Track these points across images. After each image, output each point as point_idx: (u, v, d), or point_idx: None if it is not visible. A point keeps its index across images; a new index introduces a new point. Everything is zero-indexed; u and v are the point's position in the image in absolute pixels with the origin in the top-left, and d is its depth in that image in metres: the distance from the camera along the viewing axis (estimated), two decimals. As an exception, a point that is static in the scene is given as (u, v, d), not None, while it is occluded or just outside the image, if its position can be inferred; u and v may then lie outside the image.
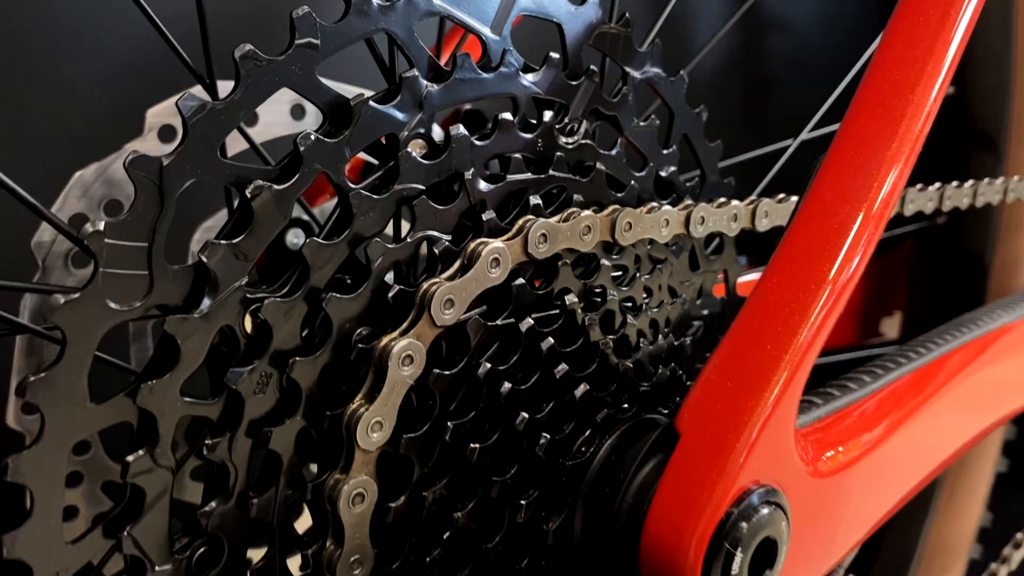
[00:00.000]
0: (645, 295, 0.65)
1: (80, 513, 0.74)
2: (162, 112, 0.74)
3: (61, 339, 0.46)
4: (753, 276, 0.76)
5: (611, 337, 0.60)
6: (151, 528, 0.49)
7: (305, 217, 0.79)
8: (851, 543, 0.65)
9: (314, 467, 0.54)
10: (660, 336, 0.65)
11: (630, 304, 0.63)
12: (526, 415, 0.55)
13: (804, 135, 0.89)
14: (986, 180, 0.98)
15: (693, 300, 0.72)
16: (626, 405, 0.60)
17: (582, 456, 0.57)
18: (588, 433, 0.57)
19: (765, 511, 0.52)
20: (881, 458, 0.66)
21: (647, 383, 0.61)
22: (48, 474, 0.46)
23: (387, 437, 0.52)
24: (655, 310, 0.65)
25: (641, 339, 0.62)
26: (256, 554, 0.54)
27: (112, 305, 0.46)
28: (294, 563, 0.55)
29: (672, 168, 0.71)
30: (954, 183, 0.93)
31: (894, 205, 0.57)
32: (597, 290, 0.61)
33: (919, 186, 0.88)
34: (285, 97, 0.81)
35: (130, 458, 0.48)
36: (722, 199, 0.70)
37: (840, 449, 0.62)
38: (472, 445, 0.54)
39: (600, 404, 0.58)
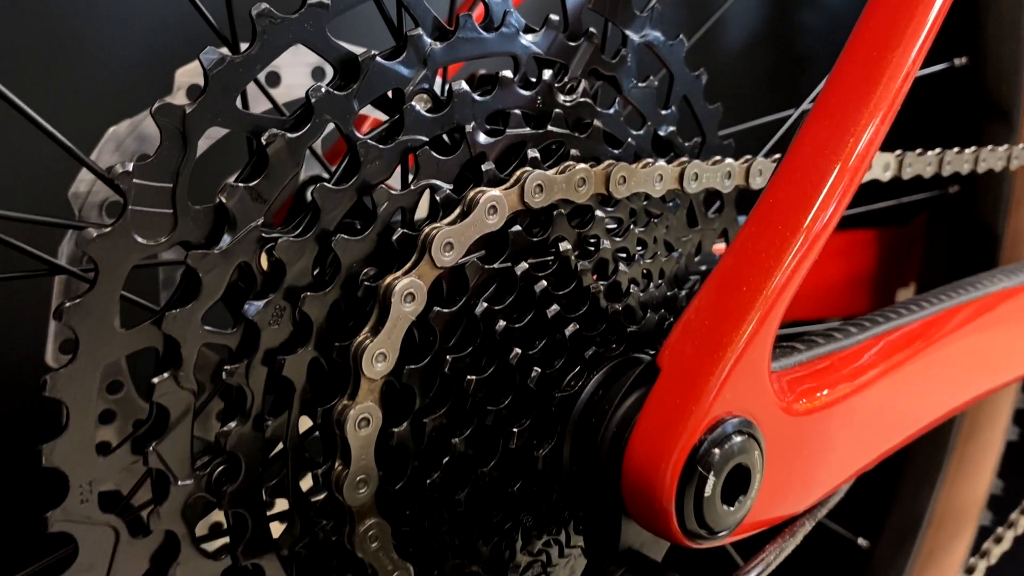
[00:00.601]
0: (640, 247, 0.69)
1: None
2: (190, 72, 0.79)
3: (94, 272, 0.51)
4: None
5: (603, 283, 0.64)
6: (175, 445, 0.54)
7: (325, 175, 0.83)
8: (830, 484, 0.68)
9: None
10: (652, 286, 0.69)
11: (624, 254, 0.67)
12: (519, 351, 0.59)
13: (806, 104, 0.92)
14: (989, 147, 1.00)
15: (691, 256, 0.75)
16: (614, 345, 0.64)
17: (571, 389, 0.61)
18: (577, 369, 0.62)
19: (738, 440, 0.56)
20: (861, 406, 0.68)
21: (635, 326, 0.65)
22: (82, 391, 0.51)
23: (390, 368, 0.56)
24: (648, 261, 0.69)
25: (632, 286, 0.66)
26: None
27: (140, 239, 0.51)
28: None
29: (671, 128, 0.75)
30: (955, 148, 0.95)
31: (871, 160, 0.60)
32: (591, 239, 0.65)
33: (918, 150, 0.90)
34: (306, 60, 0.85)
35: (155, 380, 0.53)
36: (717, 157, 0.73)
37: (820, 393, 0.66)
38: (469, 377, 0.58)
39: (589, 342, 0.62)
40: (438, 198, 0.59)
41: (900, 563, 1.40)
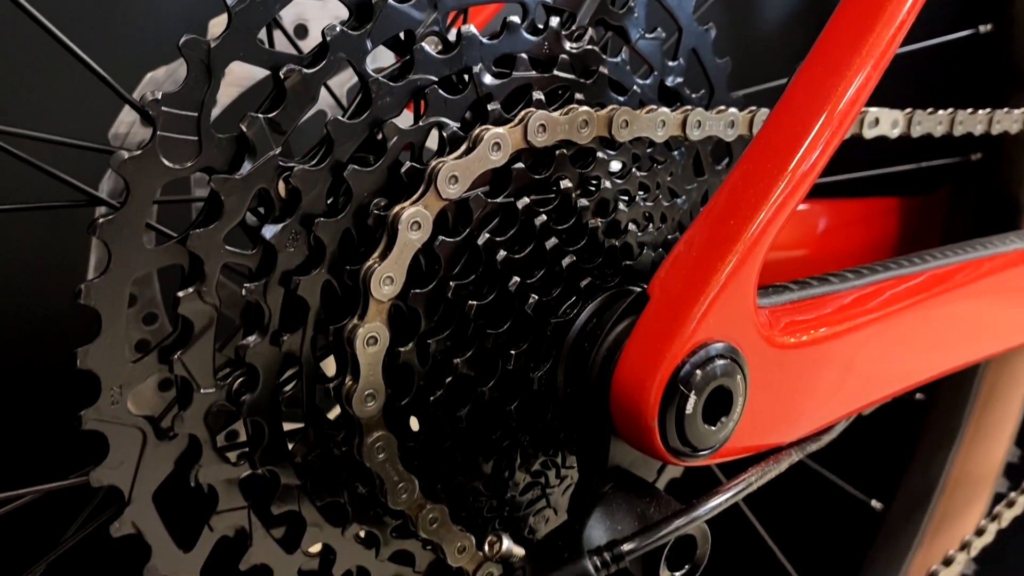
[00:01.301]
0: (642, 191, 0.72)
1: (147, 374, 0.85)
2: (222, 22, 0.83)
3: (125, 193, 0.55)
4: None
5: (602, 220, 0.68)
6: (198, 356, 0.59)
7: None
8: (819, 420, 0.71)
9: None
10: (653, 227, 0.72)
11: (625, 196, 0.71)
12: (519, 279, 0.63)
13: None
14: (1004, 109, 1.01)
15: (696, 204, 0.79)
16: (610, 277, 0.68)
17: (567, 316, 0.65)
18: (573, 298, 0.66)
19: (720, 363, 0.59)
20: (851, 348, 0.71)
21: (631, 261, 0.69)
22: (114, 300, 0.56)
23: (397, 291, 0.60)
24: (650, 204, 0.72)
25: (632, 224, 0.70)
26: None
27: (167, 163, 0.55)
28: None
29: (679, 79, 0.77)
30: (968, 109, 0.96)
31: (860, 107, 0.63)
32: (593, 179, 0.68)
33: (929, 109, 0.92)
34: (334, 12, 0.89)
35: (181, 293, 0.58)
36: (721, 106, 0.76)
37: (810, 330, 0.68)
38: (471, 303, 0.63)
39: (585, 274, 0.66)
40: (445, 135, 0.63)
41: (913, 527, 1.42)
